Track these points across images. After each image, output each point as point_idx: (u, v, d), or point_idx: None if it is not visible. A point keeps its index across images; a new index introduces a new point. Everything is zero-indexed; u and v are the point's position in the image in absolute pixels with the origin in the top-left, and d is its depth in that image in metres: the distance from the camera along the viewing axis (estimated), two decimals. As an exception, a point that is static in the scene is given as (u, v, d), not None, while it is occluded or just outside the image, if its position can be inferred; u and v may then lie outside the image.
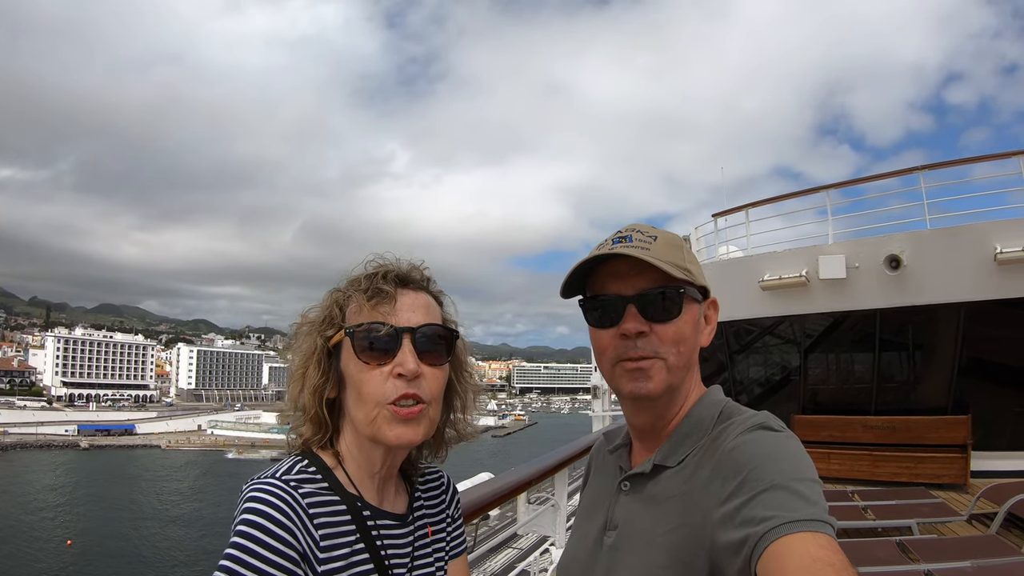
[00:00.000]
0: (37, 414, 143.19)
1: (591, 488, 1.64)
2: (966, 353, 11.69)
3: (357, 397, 1.31)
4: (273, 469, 1.29)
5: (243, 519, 1.16)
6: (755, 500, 1.07)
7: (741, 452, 1.19)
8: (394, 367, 1.29)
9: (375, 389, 1.28)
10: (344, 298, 1.36)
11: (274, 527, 1.15)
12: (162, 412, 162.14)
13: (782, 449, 1.17)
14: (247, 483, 1.25)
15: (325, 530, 1.23)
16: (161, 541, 55.59)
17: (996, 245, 10.58)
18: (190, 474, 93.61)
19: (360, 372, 1.30)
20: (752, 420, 1.27)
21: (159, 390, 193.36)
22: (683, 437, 1.36)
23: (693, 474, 1.28)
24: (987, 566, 5.42)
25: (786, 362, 14.27)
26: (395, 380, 1.28)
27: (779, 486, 1.07)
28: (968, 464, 10.40)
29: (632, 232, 1.40)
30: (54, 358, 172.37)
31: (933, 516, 7.69)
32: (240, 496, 1.22)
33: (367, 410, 1.29)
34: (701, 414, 1.38)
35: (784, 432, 1.24)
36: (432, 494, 1.56)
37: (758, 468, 1.12)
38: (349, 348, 1.32)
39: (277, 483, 1.23)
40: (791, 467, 1.12)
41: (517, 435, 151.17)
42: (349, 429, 1.36)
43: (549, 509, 4.89)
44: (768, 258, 13.46)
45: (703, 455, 1.29)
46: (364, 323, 1.31)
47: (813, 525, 1.00)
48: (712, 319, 1.45)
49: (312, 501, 1.24)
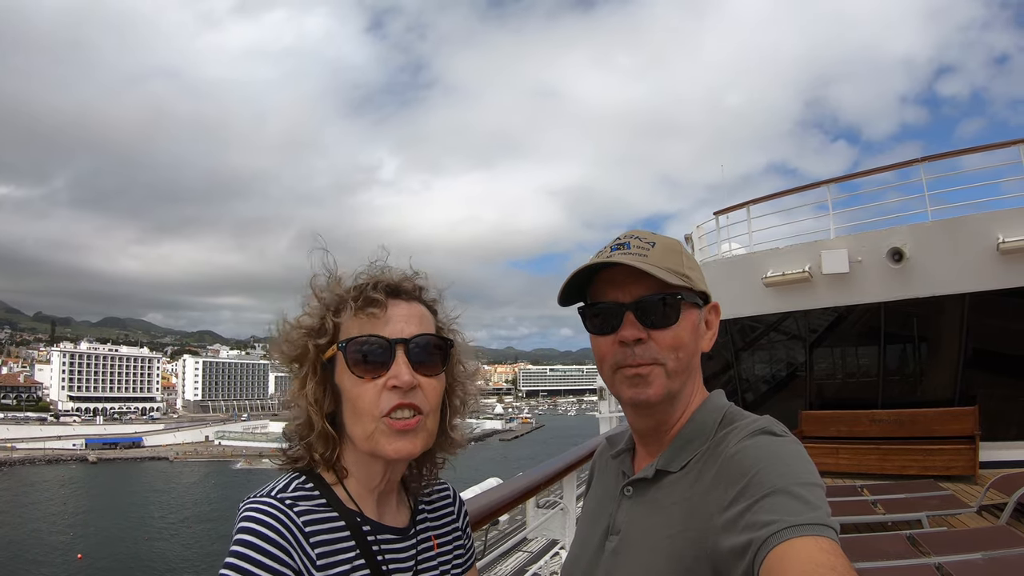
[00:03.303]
0: (44, 429, 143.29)
1: (594, 492, 1.65)
2: (971, 344, 11.71)
3: (353, 411, 1.30)
4: (269, 487, 1.28)
5: (237, 539, 1.16)
6: (758, 505, 1.08)
7: (744, 457, 1.20)
8: (388, 379, 1.28)
9: (370, 403, 1.27)
10: (336, 305, 1.34)
11: (268, 546, 1.15)
12: (169, 424, 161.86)
13: (784, 454, 1.18)
14: (243, 501, 1.24)
15: (322, 548, 1.22)
16: (170, 554, 55.66)
17: (998, 235, 10.60)
18: (199, 486, 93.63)
19: (355, 386, 1.29)
20: (754, 425, 1.28)
21: (165, 402, 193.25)
22: (685, 442, 1.37)
23: (696, 479, 1.28)
24: (998, 557, 5.40)
25: (791, 358, 14.28)
26: (389, 392, 1.28)
27: (782, 491, 1.08)
28: (976, 455, 10.41)
29: (630, 239, 1.41)
30: (60, 373, 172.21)
31: (942, 508, 7.67)
32: (236, 515, 1.21)
33: (364, 425, 1.28)
34: (704, 419, 1.39)
35: (786, 437, 1.25)
36: (437, 506, 1.55)
37: (760, 473, 1.13)
38: (342, 362, 1.31)
39: (272, 502, 1.22)
40: (793, 471, 1.13)
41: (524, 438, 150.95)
42: (347, 443, 1.34)
43: (558, 513, 4.89)
44: (771, 254, 13.50)
45: (706, 460, 1.30)
46: (356, 336, 1.30)
47: (816, 529, 1.01)
48: (713, 324, 1.46)
49: (309, 519, 1.23)
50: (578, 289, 1.45)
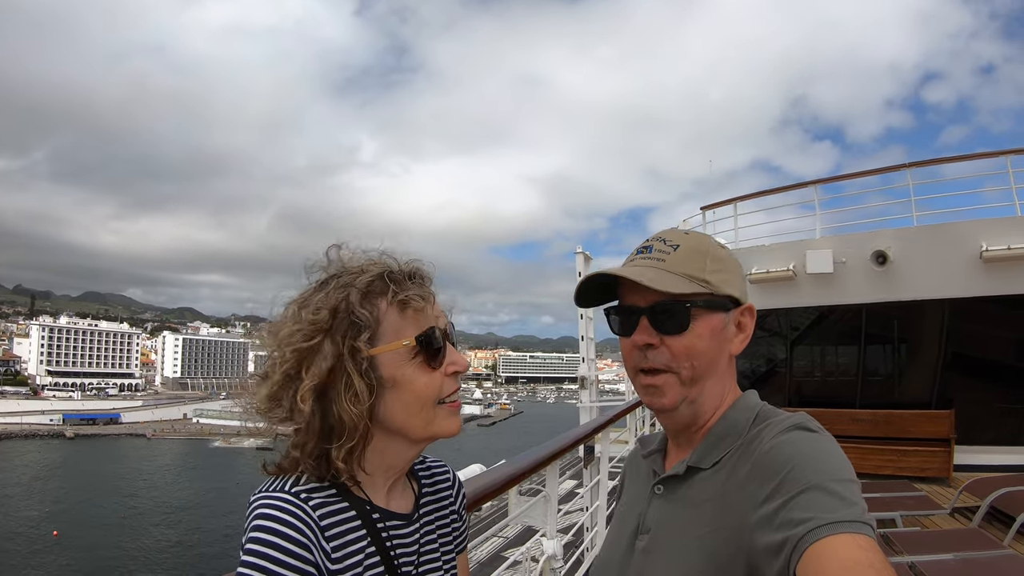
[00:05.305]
0: (22, 403, 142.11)
1: (626, 495, 1.62)
2: (950, 349, 11.86)
3: (415, 401, 1.28)
4: (281, 481, 1.23)
5: (255, 537, 1.11)
6: (794, 501, 1.06)
7: (778, 453, 1.17)
8: (447, 366, 1.32)
9: (436, 390, 1.29)
10: (370, 297, 1.28)
11: (290, 544, 1.12)
12: (147, 401, 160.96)
13: (819, 449, 1.16)
14: (255, 495, 1.20)
15: (337, 540, 1.20)
16: (145, 530, 55.40)
17: (982, 243, 10.70)
18: (175, 463, 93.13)
19: (424, 376, 1.29)
20: (788, 421, 1.26)
21: (144, 378, 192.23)
22: (718, 439, 1.34)
23: (729, 476, 1.26)
24: (970, 559, 5.49)
25: (772, 355, 14.41)
26: (449, 378, 1.32)
27: (818, 487, 1.06)
28: (951, 458, 10.54)
29: (655, 242, 1.40)
30: (39, 347, 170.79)
31: (917, 509, 7.75)
32: (248, 510, 1.17)
33: (426, 413, 1.29)
34: (736, 417, 1.36)
35: (821, 433, 1.22)
36: (438, 488, 1.54)
37: (796, 469, 1.11)
38: (403, 355, 1.28)
39: (288, 497, 1.18)
40: (829, 467, 1.11)
41: (503, 424, 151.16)
42: (377, 435, 1.29)
43: (541, 501, 4.92)
44: (756, 252, 13.58)
45: (739, 457, 1.28)
46: (428, 329, 1.30)
47: (853, 527, 0.99)
48: (746, 326, 1.41)
49: (324, 512, 1.20)
50: (607, 287, 1.43)
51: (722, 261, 1.39)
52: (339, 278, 1.30)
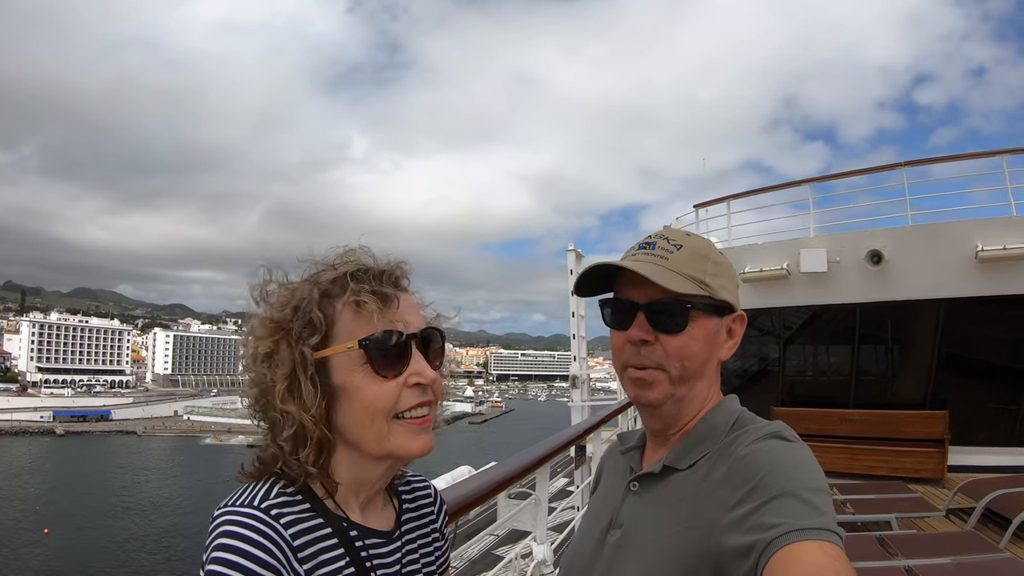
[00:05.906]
0: (12, 400, 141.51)
1: (602, 487, 1.64)
2: (945, 349, 11.83)
3: (365, 412, 1.15)
4: (249, 493, 1.12)
5: (217, 557, 0.99)
6: (765, 507, 1.08)
7: (753, 459, 1.19)
8: (408, 376, 1.17)
9: (388, 402, 1.15)
10: (328, 297, 1.19)
11: (255, 566, 0.99)
12: (138, 398, 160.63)
13: (794, 458, 1.19)
14: (219, 508, 1.09)
15: (311, 562, 1.08)
16: (136, 528, 55.36)
17: (977, 243, 10.69)
18: (166, 460, 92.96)
19: (372, 384, 1.15)
20: (766, 429, 1.29)
21: (135, 375, 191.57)
22: (696, 442, 1.37)
23: (704, 478, 1.28)
24: (967, 563, 5.43)
25: (765, 354, 14.36)
26: (409, 390, 1.17)
27: (790, 494, 1.08)
28: (945, 459, 10.50)
29: (659, 239, 1.41)
30: (29, 343, 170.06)
31: (911, 511, 7.72)
32: (211, 525, 1.05)
33: (378, 426, 1.15)
34: (716, 421, 1.38)
35: (796, 442, 1.25)
36: (419, 504, 1.45)
37: (769, 475, 1.13)
38: (353, 360, 1.16)
39: (256, 514, 1.06)
40: (802, 476, 1.13)
41: (494, 422, 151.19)
42: (339, 446, 1.19)
43: (531, 504, 4.83)
44: (749, 250, 13.57)
45: (715, 460, 1.30)
46: (378, 332, 1.16)
47: (821, 534, 1.00)
48: (736, 333, 1.43)
49: (296, 530, 1.09)
50: (604, 279, 1.44)
51: (721, 266, 1.42)
52: (313, 276, 1.22)
